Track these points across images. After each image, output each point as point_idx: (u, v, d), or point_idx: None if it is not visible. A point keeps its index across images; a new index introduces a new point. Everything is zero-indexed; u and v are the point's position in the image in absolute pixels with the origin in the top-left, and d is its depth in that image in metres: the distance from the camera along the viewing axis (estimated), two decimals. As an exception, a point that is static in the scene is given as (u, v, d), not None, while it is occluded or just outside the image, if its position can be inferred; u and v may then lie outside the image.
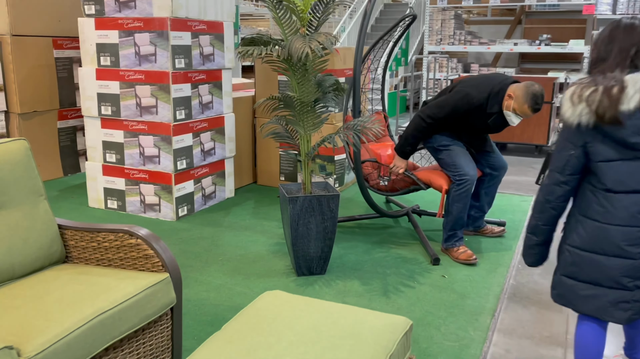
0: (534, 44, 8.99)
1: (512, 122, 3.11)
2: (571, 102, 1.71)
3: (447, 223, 3.32)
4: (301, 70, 2.77)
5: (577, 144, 1.76)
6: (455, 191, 3.24)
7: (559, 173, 1.81)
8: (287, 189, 3.12)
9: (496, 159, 3.46)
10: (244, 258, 3.30)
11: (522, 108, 3.01)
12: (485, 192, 3.54)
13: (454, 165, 3.23)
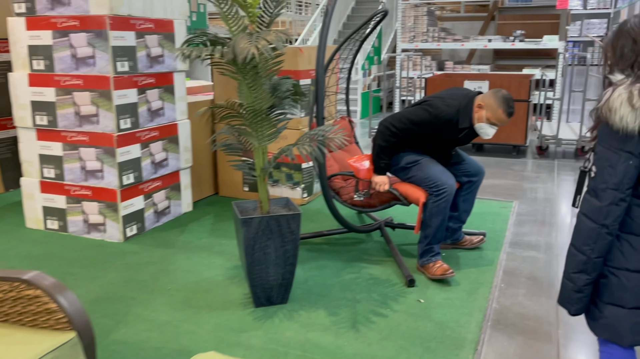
0: (508, 40, 8.77)
1: (486, 135, 2.91)
2: (631, 105, 1.46)
3: (425, 237, 3.00)
4: (251, 73, 2.41)
5: (635, 152, 1.50)
6: (434, 202, 2.93)
7: (616, 190, 1.52)
8: (241, 208, 2.75)
9: (470, 165, 3.20)
10: (196, 287, 2.92)
11: (497, 114, 2.84)
12: (463, 200, 3.24)
13: (428, 178, 2.93)
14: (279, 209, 2.74)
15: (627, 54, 1.53)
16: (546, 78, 6.54)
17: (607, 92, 1.51)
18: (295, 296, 2.79)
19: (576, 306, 1.66)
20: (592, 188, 1.57)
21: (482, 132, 2.92)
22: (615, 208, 1.53)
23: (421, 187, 2.98)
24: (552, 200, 4.50)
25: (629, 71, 1.52)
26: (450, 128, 2.91)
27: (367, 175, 3.09)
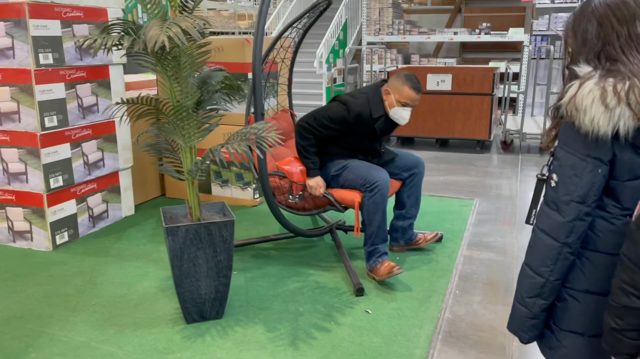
0: (474, 32, 8.65)
1: (402, 119, 2.88)
2: (604, 104, 1.19)
3: (368, 238, 2.81)
4: (172, 64, 2.15)
5: (604, 159, 1.24)
6: (369, 199, 2.76)
7: (582, 203, 1.27)
8: (171, 214, 2.50)
9: (405, 159, 3.08)
10: (124, 301, 2.65)
11: (404, 93, 2.80)
12: (407, 196, 3.09)
13: (359, 177, 2.79)
14: (211, 215, 2.49)
15: (591, 39, 1.27)
16: (510, 71, 6.41)
17: (571, 87, 1.24)
18: (232, 310, 2.55)
19: (530, 334, 1.43)
20: (553, 200, 1.31)
21: (397, 117, 2.87)
22: (580, 224, 1.28)
23: (355, 189, 2.82)
24: (515, 197, 4.35)
25: (595, 62, 1.26)
26: (365, 120, 2.82)
27: (300, 178, 2.87)
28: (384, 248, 2.83)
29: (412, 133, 6.23)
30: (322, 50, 8.99)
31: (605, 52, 1.25)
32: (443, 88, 5.98)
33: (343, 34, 9.93)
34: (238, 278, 2.90)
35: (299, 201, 2.92)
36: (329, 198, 2.86)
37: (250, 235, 3.52)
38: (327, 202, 2.89)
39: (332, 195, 2.87)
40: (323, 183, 2.85)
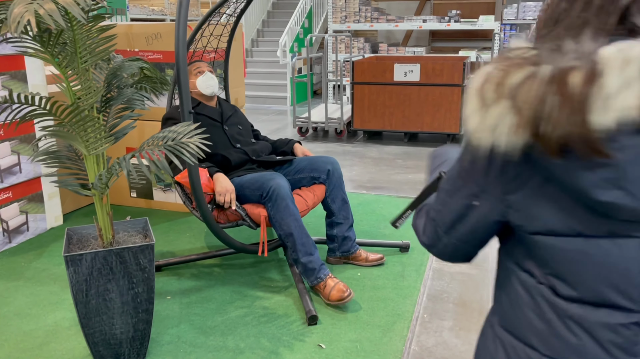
0: (444, 20, 8.31)
1: (209, 82, 2.75)
2: (480, 98, 0.76)
3: (294, 252, 2.45)
4: (65, 53, 1.70)
5: (487, 191, 0.83)
6: (272, 208, 2.43)
7: (443, 232, 0.90)
8: (78, 236, 2.05)
9: (313, 160, 2.78)
10: (28, 339, 2.20)
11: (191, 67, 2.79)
12: (331, 199, 2.75)
13: (254, 189, 2.50)
14: (129, 237, 2.06)
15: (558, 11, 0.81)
16: (481, 61, 6.08)
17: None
18: (158, 349, 2.13)
19: None
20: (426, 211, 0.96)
21: (204, 85, 2.75)
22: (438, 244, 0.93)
23: (257, 203, 2.51)
24: (487, 197, 4.02)
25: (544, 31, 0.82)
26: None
27: (208, 187, 2.47)
28: (319, 260, 2.46)
29: (379, 127, 5.86)
30: (285, 39, 8.53)
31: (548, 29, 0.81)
32: (411, 79, 5.62)
33: (308, 22, 9.48)
34: (172, 304, 2.48)
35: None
36: (241, 213, 2.49)
37: (193, 249, 3.09)
38: (239, 217, 2.53)
39: (245, 210, 2.50)
40: (231, 187, 2.50)
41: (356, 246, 2.81)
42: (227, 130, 2.77)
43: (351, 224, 2.78)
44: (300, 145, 2.98)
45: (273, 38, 9.98)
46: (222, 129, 2.75)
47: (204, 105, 2.77)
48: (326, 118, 5.99)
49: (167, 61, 3.47)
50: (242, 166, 2.72)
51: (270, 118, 7.63)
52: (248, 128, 2.92)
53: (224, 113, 2.82)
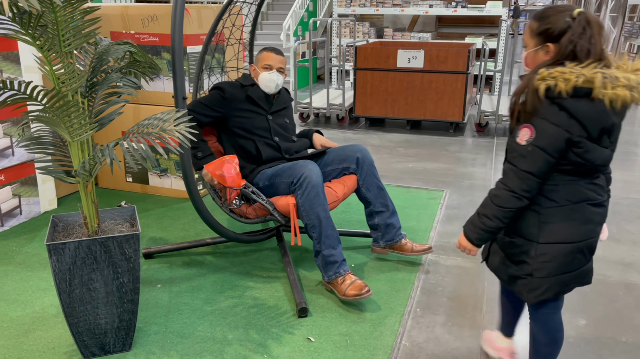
0: (450, 6, 8.16)
1: (271, 81, 2.64)
2: None
3: (317, 243, 2.37)
4: (47, 36, 1.64)
5: None
6: (301, 196, 2.36)
7: None
8: (64, 224, 2.01)
9: (342, 150, 2.68)
10: (13, 326, 2.17)
11: (262, 58, 2.68)
12: (366, 188, 2.65)
13: (285, 177, 2.43)
14: (115, 225, 2.01)
15: None
16: (487, 48, 5.97)
17: None
18: (145, 339, 2.10)
19: None
20: None
21: (264, 82, 2.65)
22: None
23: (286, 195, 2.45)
24: (487, 188, 3.96)
25: None
26: (236, 89, 2.65)
27: (236, 182, 2.40)
28: (342, 255, 2.39)
29: (382, 114, 5.78)
30: (289, 22, 8.41)
31: None
32: (414, 66, 5.52)
33: (313, 5, 9.34)
34: (161, 293, 2.45)
35: (235, 207, 2.48)
36: (268, 207, 2.43)
37: (187, 236, 3.05)
38: (267, 212, 2.46)
39: (271, 204, 2.44)
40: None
41: (401, 234, 2.71)
42: (270, 120, 2.67)
43: (393, 211, 2.67)
44: (320, 135, 2.88)
45: (277, 21, 9.85)
46: (265, 118, 2.65)
47: (258, 89, 2.67)
48: (328, 104, 5.91)
49: (164, 44, 3.40)
50: (271, 161, 2.64)
51: (273, 102, 7.55)
52: (293, 124, 2.82)
53: (275, 104, 2.71)
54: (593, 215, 1.52)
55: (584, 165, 1.46)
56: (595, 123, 1.41)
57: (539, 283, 1.56)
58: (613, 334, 2.17)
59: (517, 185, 1.48)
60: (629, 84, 1.38)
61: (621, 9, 11.87)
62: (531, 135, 1.43)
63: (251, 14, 3.19)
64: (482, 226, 1.56)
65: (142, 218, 3.30)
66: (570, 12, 1.42)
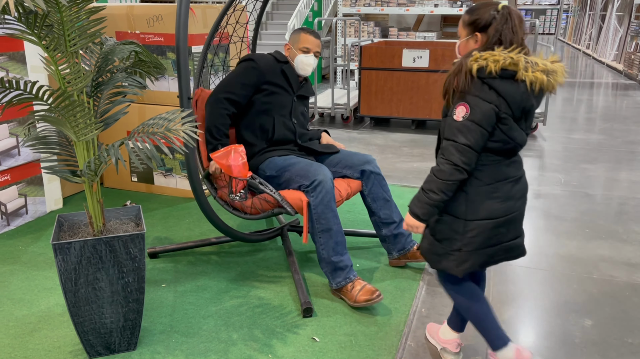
0: (456, 5, 8.14)
1: (308, 65, 2.63)
2: None
3: (324, 249, 2.35)
4: (53, 36, 1.64)
5: None
6: (314, 199, 2.34)
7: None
8: (70, 223, 2.02)
9: (350, 157, 2.66)
10: (20, 325, 2.18)
11: (301, 40, 2.63)
12: (372, 198, 2.62)
13: (298, 176, 2.40)
14: (121, 225, 2.02)
15: None
16: (492, 48, 5.94)
17: None
18: (150, 338, 2.10)
19: None
20: None
21: (301, 64, 2.63)
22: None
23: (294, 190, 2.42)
24: (493, 188, 3.94)
25: None
26: (272, 64, 2.62)
27: (242, 172, 2.39)
28: (350, 260, 2.38)
29: (386, 114, 5.77)
30: (294, 22, 8.41)
31: None
32: (420, 65, 5.51)
33: (318, 5, 9.34)
34: (166, 292, 2.45)
35: (239, 200, 2.45)
36: (276, 198, 2.39)
37: (192, 235, 3.06)
38: (275, 204, 2.43)
39: (280, 195, 2.40)
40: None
41: (412, 241, 2.65)
42: (295, 101, 2.66)
43: (400, 220, 2.63)
44: (327, 135, 2.87)
45: (282, 21, 9.86)
46: (291, 98, 2.64)
47: (290, 68, 2.65)
48: (332, 103, 5.91)
49: (169, 44, 3.40)
50: (283, 144, 2.61)
51: (277, 102, 7.55)
52: (307, 117, 2.81)
53: (302, 89, 2.70)
54: (514, 192, 1.69)
55: (508, 143, 1.63)
56: (518, 103, 1.59)
57: (468, 256, 1.71)
58: (620, 335, 2.15)
59: (458, 157, 1.61)
60: (546, 69, 1.58)
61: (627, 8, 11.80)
62: (466, 111, 1.59)
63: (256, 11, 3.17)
64: (429, 201, 1.67)
65: (147, 218, 3.31)
66: (496, 6, 1.62)
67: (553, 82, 1.60)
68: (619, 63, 11.68)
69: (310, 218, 2.35)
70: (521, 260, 2.79)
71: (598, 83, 9.62)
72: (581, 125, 6.14)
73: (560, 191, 3.86)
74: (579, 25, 17.15)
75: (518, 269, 2.70)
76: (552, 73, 1.60)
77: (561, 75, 1.62)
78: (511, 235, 1.72)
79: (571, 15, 18.90)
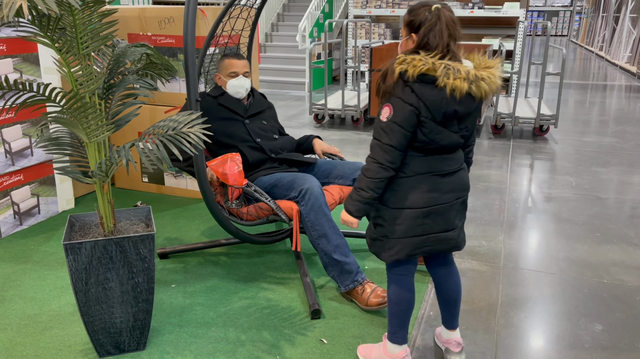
0: (467, 7, 8.11)
1: (241, 87, 2.68)
2: None
3: (325, 254, 2.35)
4: (65, 39, 1.66)
5: None
6: (304, 206, 2.36)
7: None
8: (81, 223, 2.04)
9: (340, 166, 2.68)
10: (31, 324, 2.21)
11: (225, 66, 2.69)
12: None
13: (285, 189, 2.44)
14: (131, 225, 2.04)
15: None
16: (504, 49, 5.92)
17: None
18: (159, 338, 2.12)
19: None
20: None
21: (233, 89, 2.68)
22: None
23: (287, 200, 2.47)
24: (504, 191, 3.92)
25: None
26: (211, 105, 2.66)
27: (238, 181, 2.41)
28: (356, 262, 2.37)
29: (396, 116, 5.75)
30: (305, 24, 8.43)
31: None
32: (430, 67, 5.48)
33: (329, 6, 9.35)
34: (176, 293, 2.47)
35: (235, 207, 2.47)
36: (271, 206, 2.42)
37: (201, 237, 3.07)
38: (270, 211, 2.46)
39: (275, 202, 2.43)
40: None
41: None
42: (247, 124, 2.68)
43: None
44: (320, 140, 2.88)
45: (293, 22, 9.88)
46: (242, 123, 2.67)
47: (229, 97, 2.70)
48: (342, 105, 5.91)
49: (180, 46, 3.43)
50: (261, 164, 2.64)
51: (288, 104, 7.58)
52: (273, 124, 2.82)
53: (250, 108, 2.73)
54: (439, 184, 1.70)
55: (430, 144, 1.65)
56: (437, 107, 1.59)
57: (393, 244, 1.74)
58: (630, 341, 2.14)
59: (383, 156, 1.65)
60: (467, 77, 1.57)
61: (642, 10, 11.67)
62: (390, 112, 1.62)
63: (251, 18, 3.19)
64: (359, 198, 1.71)
65: (158, 219, 3.34)
66: (430, 7, 1.60)
67: (478, 89, 1.59)
68: (633, 66, 11.56)
69: (305, 227, 2.36)
70: (531, 264, 2.77)
71: (611, 86, 9.53)
72: (593, 127, 6.09)
73: (571, 195, 3.83)
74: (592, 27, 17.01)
75: (528, 273, 2.69)
76: (477, 81, 1.59)
77: (492, 83, 1.61)
78: (439, 227, 1.73)
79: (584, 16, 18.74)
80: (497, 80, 1.63)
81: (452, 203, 1.74)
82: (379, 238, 1.79)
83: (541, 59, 5.60)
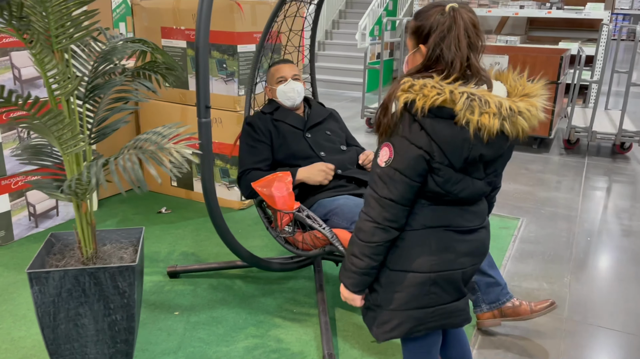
0: (544, 7, 7.43)
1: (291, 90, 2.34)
2: None
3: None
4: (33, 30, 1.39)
5: None
6: None
7: None
8: (61, 243, 1.77)
9: None
10: (12, 348, 1.98)
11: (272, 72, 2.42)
12: None
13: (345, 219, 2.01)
14: (116, 250, 1.75)
15: None
16: (583, 54, 5.27)
17: None
18: (144, 382, 1.83)
19: None
20: None
21: (284, 95, 2.36)
22: None
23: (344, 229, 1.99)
24: (574, 219, 3.38)
25: None
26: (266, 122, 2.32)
27: (286, 204, 2.02)
28: None
29: (456, 124, 5.26)
30: (365, 22, 8.03)
31: None
32: (496, 73, 4.95)
33: (392, 4, 8.90)
34: (177, 322, 2.17)
35: (287, 235, 2.11)
36: (326, 235, 1.97)
37: (220, 253, 2.78)
38: (327, 241, 2.03)
39: (331, 231, 2.00)
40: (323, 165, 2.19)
41: (508, 294, 2.11)
42: (309, 137, 2.31)
43: (490, 263, 2.09)
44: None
45: (355, 20, 9.50)
46: (303, 137, 2.31)
47: (284, 111, 2.36)
48: (397, 110, 5.48)
49: (212, 42, 3.15)
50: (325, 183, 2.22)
51: (342, 105, 7.22)
52: (340, 134, 2.43)
53: (309, 119, 2.37)
54: (455, 243, 1.27)
55: (446, 196, 1.23)
56: (457, 151, 1.17)
57: (388, 317, 1.32)
58: None
59: (379, 213, 1.23)
60: (499, 112, 1.13)
61: None
62: (390, 156, 1.21)
63: (310, 16, 2.83)
64: (353, 269, 1.30)
65: (179, 228, 3.08)
66: (443, 8, 1.16)
67: (513, 127, 1.16)
68: None
69: None
70: (603, 318, 2.27)
71: None
72: (685, 147, 5.32)
73: (657, 230, 3.24)
74: (685, 32, 15.51)
75: (599, 331, 2.20)
76: (513, 117, 1.15)
77: (532, 117, 1.17)
78: (449, 297, 1.31)
79: (677, 20, 17.16)
80: (539, 113, 1.19)
81: (466, 269, 1.31)
82: (372, 307, 1.37)
83: (626, 66, 4.93)
